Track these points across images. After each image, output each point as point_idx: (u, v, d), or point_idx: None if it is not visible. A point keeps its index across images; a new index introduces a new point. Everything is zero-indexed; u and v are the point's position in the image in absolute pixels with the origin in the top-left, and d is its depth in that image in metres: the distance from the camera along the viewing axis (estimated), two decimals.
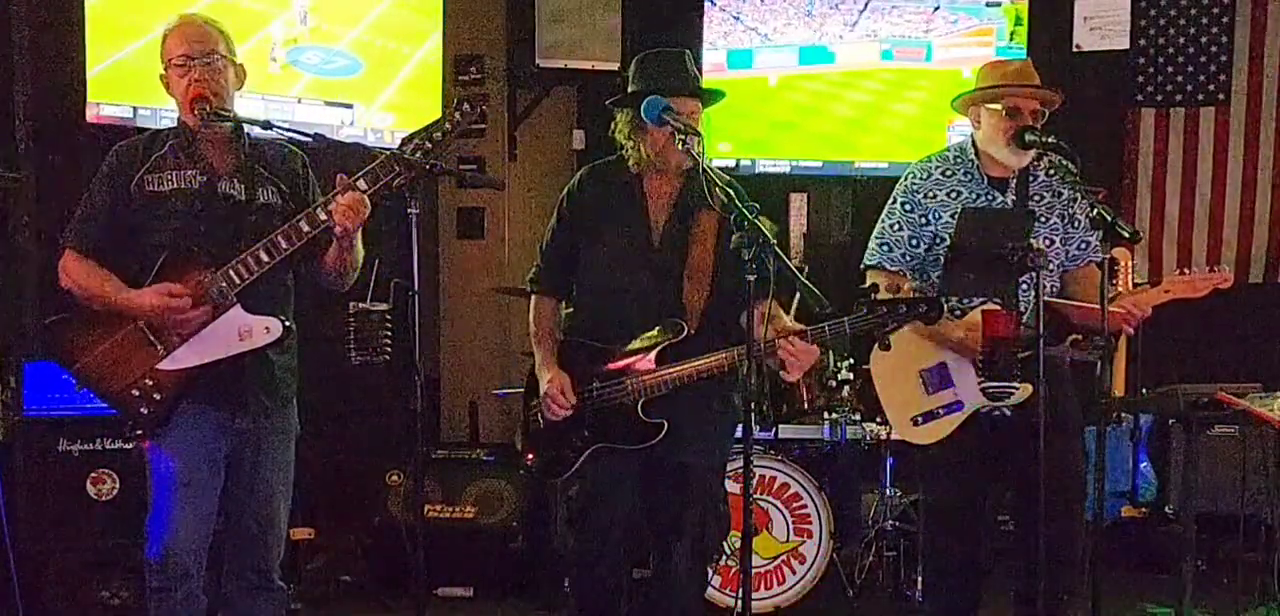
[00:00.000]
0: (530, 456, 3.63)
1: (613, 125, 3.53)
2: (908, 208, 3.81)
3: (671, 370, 3.37)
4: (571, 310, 3.61)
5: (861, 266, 3.90)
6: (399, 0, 5.59)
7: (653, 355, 3.39)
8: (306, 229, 3.13)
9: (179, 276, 3.13)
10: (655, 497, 3.52)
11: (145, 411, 3.16)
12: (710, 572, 4.50)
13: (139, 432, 3.21)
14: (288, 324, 3.23)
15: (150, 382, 3.15)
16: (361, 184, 3.09)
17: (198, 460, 3.19)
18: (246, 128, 3.27)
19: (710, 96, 3.55)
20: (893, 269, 3.79)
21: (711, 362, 3.35)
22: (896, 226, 3.81)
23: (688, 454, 3.45)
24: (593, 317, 3.51)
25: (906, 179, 3.86)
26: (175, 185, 3.20)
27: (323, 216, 3.12)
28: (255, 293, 3.16)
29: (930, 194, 3.79)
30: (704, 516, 3.51)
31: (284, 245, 3.12)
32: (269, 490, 3.31)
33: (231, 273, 3.11)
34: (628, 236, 3.49)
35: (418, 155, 3.07)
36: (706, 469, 3.52)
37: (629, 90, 3.50)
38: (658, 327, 3.41)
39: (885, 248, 3.81)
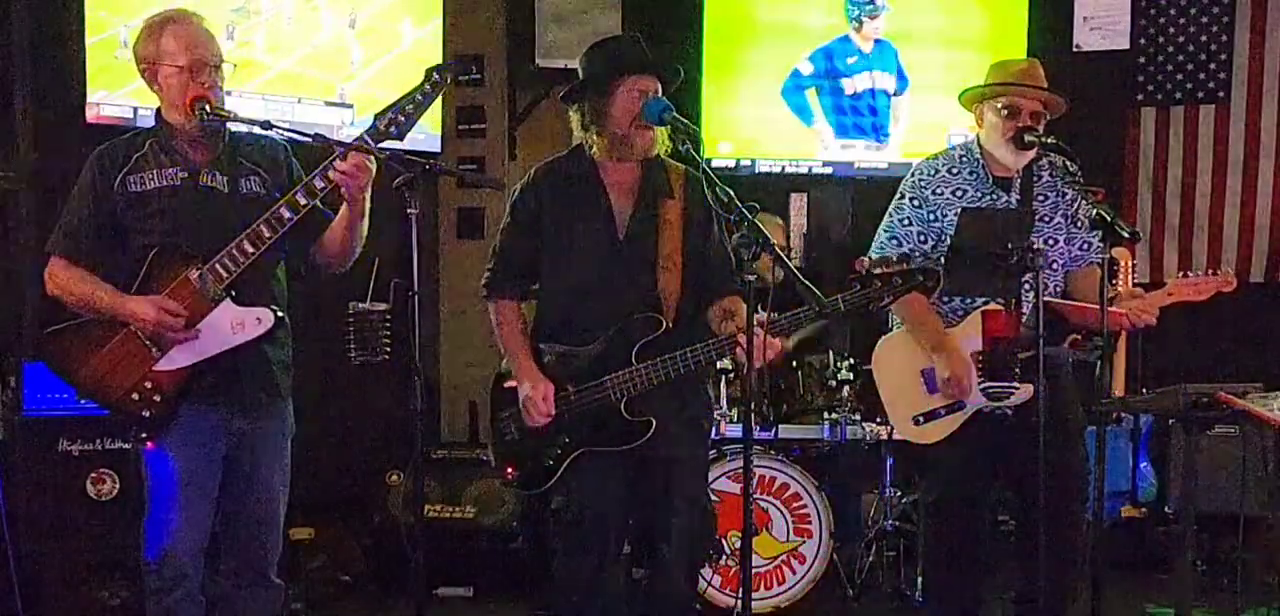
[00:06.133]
0: (510, 470, 3.51)
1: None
2: (915, 203, 3.81)
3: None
4: (537, 313, 3.50)
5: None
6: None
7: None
8: (287, 215, 3.12)
9: (167, 274, 3.14)
10: (642, 498, 3.45)
11: (147, 414, 3.17)
12: (710, 572, 4.52)
13: (143, 436, 3.21)
14: (279, 314, 3.23)
15: (149, 385, 3.15)
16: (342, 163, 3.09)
17: (197, 461, 3.20)
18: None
19: (671, 74, 3.42)
20: None
21: (712, 350, 3.28)
22: (905, 222, 3.81)
23: (674, 450, 3.38)
24: (562, 318, 3.41)
25: (913, 176, 3.86)
26: (157, 184, 3.20)
27: (303, 200, 3.12)
28: (244, 285, 3.16)
29: (937, 190, 3.80)
30: (692, 514, 3.45)
31: (267, 234, 3.12)
32: (267, 488, 3.31)
33: (217, 267, 3.12)
34: (592, 231, 3.39)
35: (391, 130, 3.09)
36: (692, 464, 3.48)
37: (581, 80, 3.42)
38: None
39: (893, 241, 3.81)
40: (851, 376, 4.95)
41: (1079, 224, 3.82)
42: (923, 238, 3.78)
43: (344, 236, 3.27)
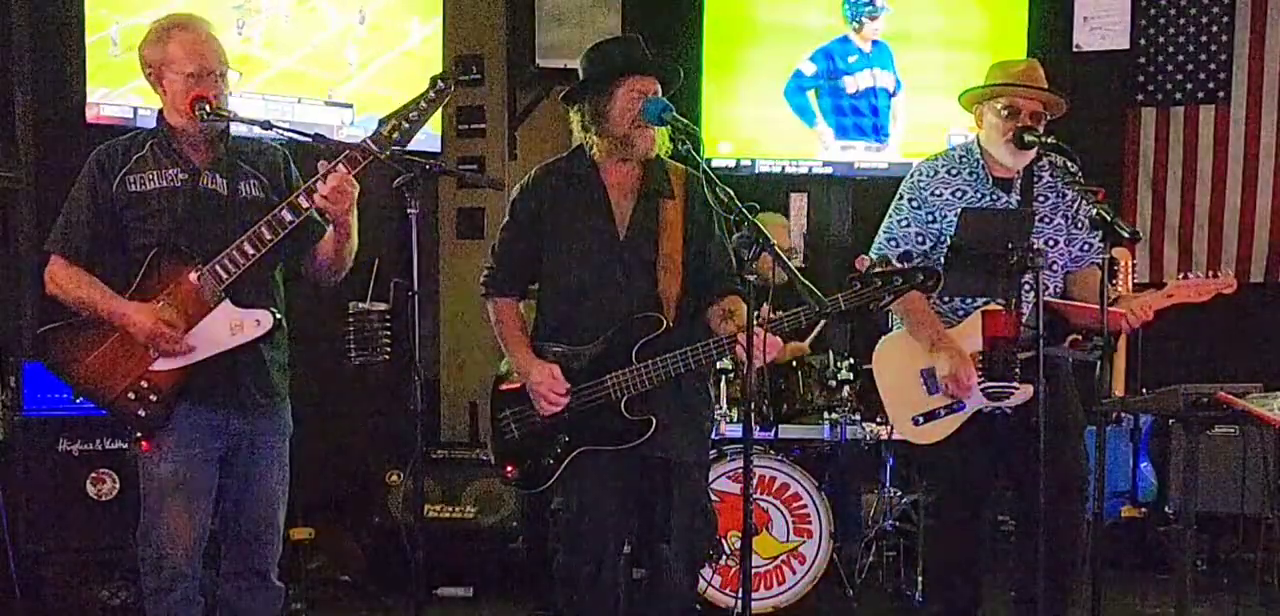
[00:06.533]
0: (509, 469, 3.50)
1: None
2: (915, 205, 3.81)
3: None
4: (538, 313, 3.50)
5: None
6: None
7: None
8: (289, 218, 3.12)
9: (166, 275, 3.13)
10: (642, 498, 3.45)
11: (143, 414, 3.16)
12: (710, 572, 4.52)
13: (139, 435, 3.20)
14: (278, 316, 3.23)
15: (146, 384, 3.15)
16: (340, 167, 3.08)
17: (193, 461, 3.19)
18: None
19: (671, 75, 3.43)
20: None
21: (711, 348, 3.28)
22: (904, 223, 3.81)
23: (674, 450, 3.38)
24: (562, 318, 3.41)
25: (913, 177, 3.86)
26: (157, 184, 3.19)
27: (304, 202, 3.11)
28: (243, 287, 3.16)
29: (936, 192, 3.80)
30: (693, 515, 3.45)
31: (268, 236, 3.12)
32: (266, 489, 3.31)
33: (218, 268, 3.11)
34: (592, 231, 3.39)
35: (395, 136, 3.08)
36: (693, 465, 3.47)
37: (582, 81, 3.41)
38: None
39: (892, 243, 3.81)
40: (851, 376, 4.95)
41: (1079, 224, 3.82)
42: (921, 239, 3.78)
43: (334, 253, 3.28)
